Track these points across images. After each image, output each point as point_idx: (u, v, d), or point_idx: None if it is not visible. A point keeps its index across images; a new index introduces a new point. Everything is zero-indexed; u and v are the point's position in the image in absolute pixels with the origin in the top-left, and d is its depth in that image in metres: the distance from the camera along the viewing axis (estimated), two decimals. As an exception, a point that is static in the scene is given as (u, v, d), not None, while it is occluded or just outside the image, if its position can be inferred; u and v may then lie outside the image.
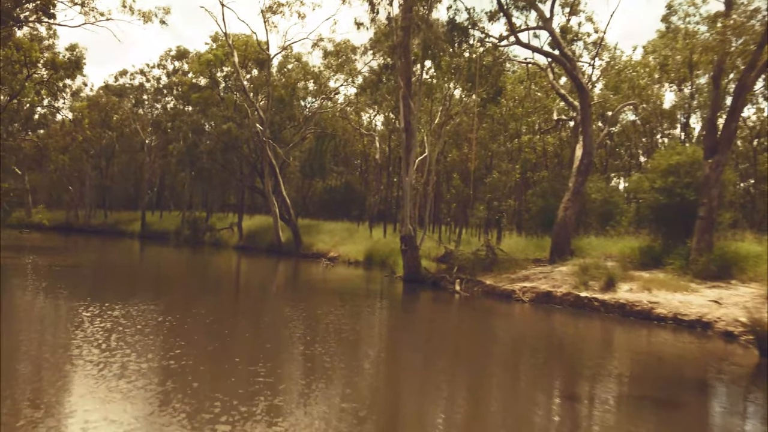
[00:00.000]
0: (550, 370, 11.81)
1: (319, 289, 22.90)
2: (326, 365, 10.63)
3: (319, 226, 43.45)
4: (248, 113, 41.43)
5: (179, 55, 52.52)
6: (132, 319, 13.54)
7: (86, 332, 11.91)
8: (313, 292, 22.04)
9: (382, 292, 23.20)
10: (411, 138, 24.66)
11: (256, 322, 15.41)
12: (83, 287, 20.19)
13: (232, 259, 38.84)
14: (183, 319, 14.30)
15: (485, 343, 14.00)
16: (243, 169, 46.43)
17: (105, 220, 63.04)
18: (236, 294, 22.35)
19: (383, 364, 11.69)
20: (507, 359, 12.58)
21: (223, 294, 21.77)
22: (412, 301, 21.41)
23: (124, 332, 12.08)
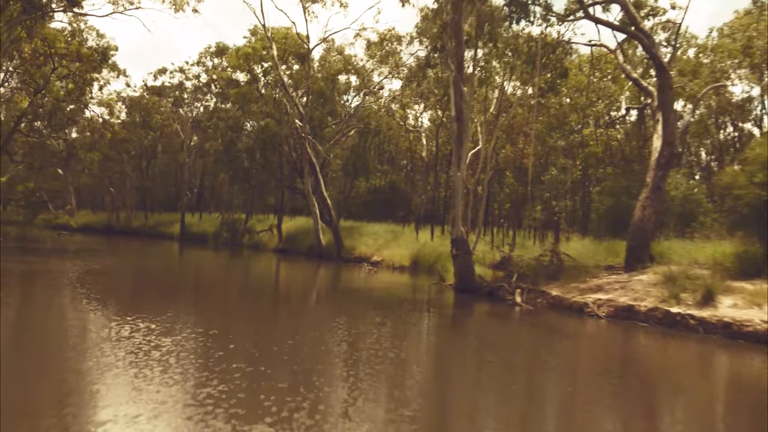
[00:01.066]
0: (658, 417, 8.84)
1: (361, 298, 20.23)
2: (363, 401, 7.94)
3: (362, 228, 40.86)
4: (288, 109, 39.15)
5: (218, 52, 50.62)
6: (169, 335, 11.76)
7: (117, 354, 10.00)
8: (354, 302, 19.38)
9: (431, 303, 20.40)
10: (463, 128, 21.80)
11: (294, 338, 12.89)
12: (119, 295, 18.32)
13: (270, 264, 36.56)
14: (219, 338, 12.09)
15: (562, 375, 11.07)
16: (283, 168, 44.18)
17: (145, 222, 61.80)
18: (275, 304, 19.88)
19: (435, 403, 8.92)
20: (595, 400, 9.64)
21: (260, 305, 19.31)
22: (466, 315, 18.54)
23: (160, 349, 10.47)
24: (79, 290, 18.04)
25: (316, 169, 37.60)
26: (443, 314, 17.99)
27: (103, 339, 11.10)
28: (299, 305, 19.56)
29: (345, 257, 36.43)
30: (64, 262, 26.66)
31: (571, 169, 32.70)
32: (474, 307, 19.54)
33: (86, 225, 65.01)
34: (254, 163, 43.35)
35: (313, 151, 38.19)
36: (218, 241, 49.66)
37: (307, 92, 38.06)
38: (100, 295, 17.26)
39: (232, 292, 21.52)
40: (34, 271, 22.33)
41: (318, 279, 28.99)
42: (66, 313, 14.53)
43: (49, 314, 14.52)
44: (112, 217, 64.40)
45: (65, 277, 21.24)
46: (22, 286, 19.18)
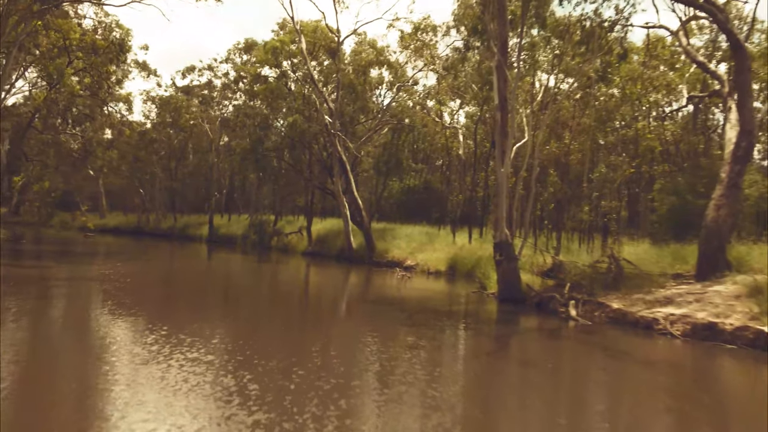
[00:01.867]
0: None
1: (393, 310, 17.96)
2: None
3: (395, 231, 38.57)
4: (317, 105, 37.12)
5: (247, 48, 48.92)
6: (196, 349, 10.93)
7: (144, 372, 9.29)
8: (386, 314, 17.13)
9: (471, 316, 18.05)
10: (507, 119, 19.40)
11: (320, 360, 10.89)
12: (148, 305, 17.02)
13: (299, 268, 34.56)
14: (245, 353, 11.05)
15: (651, 425, 8.65)
16: (312, 167, 42.16)
17: (174, 224, 60.52)
18: (302, 316, 17.78)
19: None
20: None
21: (288, 316, 17.25)
22: (512, 332, 16.11)
23: (188, 368, 9.62)
24: (106, 297, 17.07)
25: (346, 167, 35.49)
26: (486, 331, 15.56)
27: (133, 354, 10.36)
28: (327, 317, 17.43)
29: (377, 261, 34.23)
30: (92, 266, 25.17)
31: (622, 166, 29.98)
32: (521, 322, 17.13)
33: (116, 226, 64.18)
34: (283, 162, 41.43)
35: (344, 149, 36.08)
36: (246, 243, 47.96)
37: (337, 87, 35.97)
38: (128, 303, 16.32)
39: (259, 302, 19.62)
40: (59, 277, 20.62)
41: (348, 286, 26.87)
42: (93, 323, 13.71)
43: (74, 324, 13.72)
44: (142, 219, 63.31)
45: (93, 284, 19.58)
46: (45, 292, 17.57)
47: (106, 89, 27.63)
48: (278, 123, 43.02)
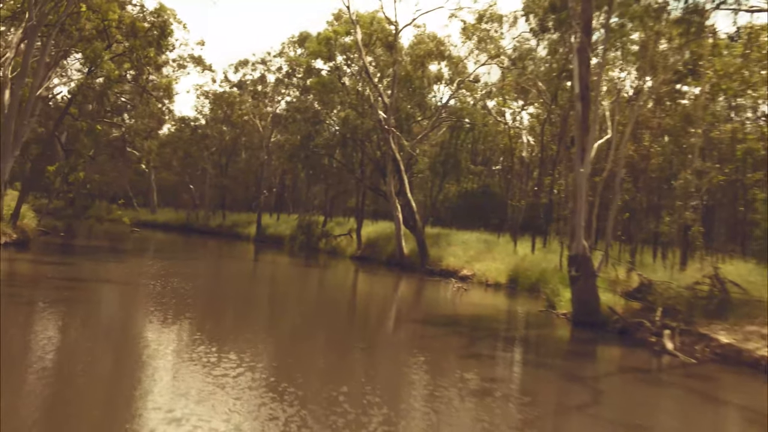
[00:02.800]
0: None
1: (449, 331, 15.33)
2: None
3: (450, 237, 35.81)
4: (372, 100, 34.76)
5: (301, 41, 46.82)
6: (240, 366, 9.71)
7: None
8: (440, 337, 14.53)
9: (542, 343, 15.24)
10: (588, 111, 16.50)
11: (365, 387, 8.54)
12: (193, 310, 15.44)
13: (347, 274, 32.24)
14: (288, 374, 9.86)
15: None
16: (364, 167, 39.78)
17: (223, 222, 59.16)
18: (348, 330, 15.49)
19: None
20: None
21: (334, 330, 15.04)
22: (599, 369, 13.16)
23: (230, 388, 8.47)
24: (150, 301, 15.77)
25: (400, 167, 32.98)
26: (567, 370, 12.63)
27: (176, 371, 9.25)
28: (372, 339, 14.96)
29: (430, 269, 31.60)
30: (135, 266, 23.44)
31: (710, 173, 26.49)
32: (605, 355, 14.26)
33: (166, 222, 63.31)
34: (333, 161, 39.23)
35: (398, 147, 33.58)
36: (294, 244, 45.99)
37: (393, 81, 33.50)
38: (173, 308, 15.07)
39: (302, 315, 17.40)
40: (98, 278, 18.75)
41: (398, 298, 24.34)
42: (134, 335, 12.25)
43: (116, 334, 12.40)
44: (191, 216, 62.23)
45: (133, 287, 17.69)
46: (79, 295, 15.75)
47: (146, 76, 25.96)
48: (330, 120, 40.89)
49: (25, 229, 26.32)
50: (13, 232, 24.39)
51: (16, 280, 16.99)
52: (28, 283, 16.94)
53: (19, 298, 13.95)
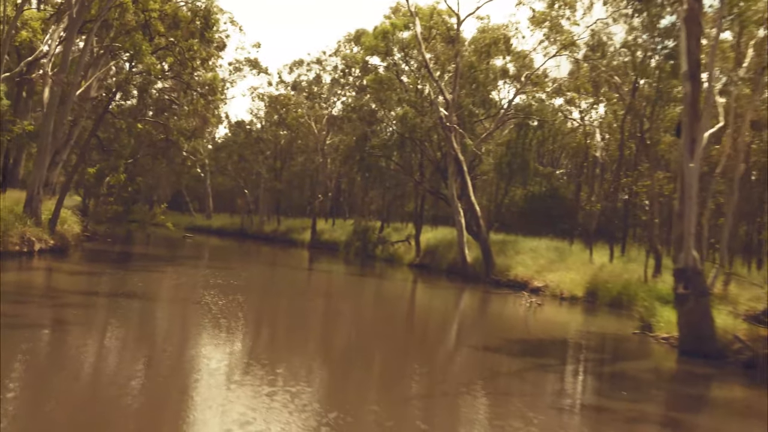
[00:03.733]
0: None
1: (527, 363, 12.68)
2: None
3: (517, 244, 32.85)
4: (431, 97, 32.25)
5: (357, 38, 44.72)
6: (278, 400, 8.23)
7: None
8: (518, 373, 11.89)
9: (648, 381, 12.28)
10: (699, 93, 13.57)
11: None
12: (245, 325, 14.22)
13: (405, 285, 29.84)
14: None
15: None
16: (424, 168, 37.24)
17: (277, 227, 57.64)
18: (405, 353, 13.21)
19: None
20: None
21: (385, 358, 12.67)
22: (716, 416, 10.30)
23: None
24: (196, 320, 14.08)
25: (462, 168, 30.32)
26: (679, 420, 9.79)
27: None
28: (437, 358, 12.58)
29: (496, 279, 28.85)
30: (185, 276, 21.60)
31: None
32: (736, 399, 11.30)
33: (221, 228, 62.38)
34: (391, 162, 36.85)
35: (461, 147, 30.93)
36: (349, 251, 43.84)
37: (455, 75, 30.88)
38: (222, 330, 13.25)
39: (356, 334, 15.38)
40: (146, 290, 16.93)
41: (463, 315, 21.77)
42: (184, 356, 10.85)
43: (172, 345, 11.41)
44: (246, 221, 60.97)
45: (176, 301, 15.80)
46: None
47: (189, 70, 24.21)
48: (387, 119, 38.56)
49: (65, 234, 24.88)
50: (50, 237, 22.90)
51: (27, 292, 15.15)
52: (38, 297, 15.09)
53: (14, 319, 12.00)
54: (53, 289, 16.11)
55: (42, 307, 13.46)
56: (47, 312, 12.95)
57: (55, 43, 25.00)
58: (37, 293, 15.25)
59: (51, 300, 14.39)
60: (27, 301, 13.67)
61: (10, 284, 14.86)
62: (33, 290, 15.62)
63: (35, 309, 13.08)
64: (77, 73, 24.39)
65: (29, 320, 11.73)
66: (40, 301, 14.20)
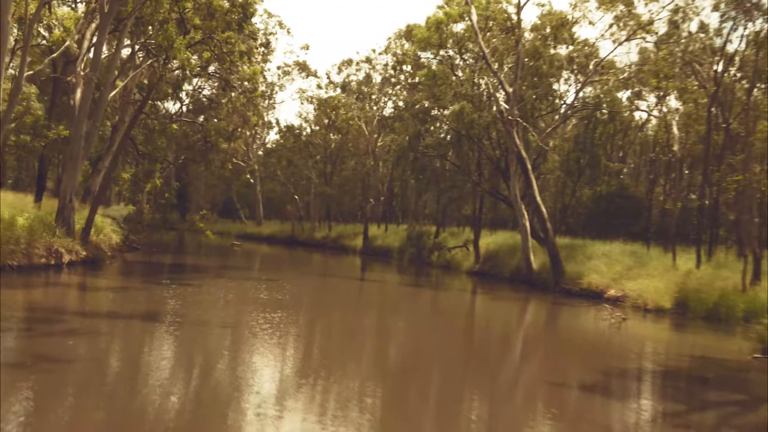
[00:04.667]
0: None
1: (624, 394, 10.03)
2: None
3: (587, 248, 29.85)
4: (489, 88, 29.70)
5: (408, 33, 42.41)
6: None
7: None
8: (611, 406, 9.28)
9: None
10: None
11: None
12: (294, 347, 12.58)
13: (466, 295, 27.38)
14: None
15: None
16: (482, 168, 34.57)
17: (328, 234, 55.75)
18: (462, 379, 10.72)
19: None
20: None
21: (444, 390, 10.17)
22: None
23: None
24: (244, 343, 12.28)
25: (527, 166, 27.63)
26: None
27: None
28: (505, 386, 9.98)
29: (566, 288, 26.07)
30: (229, 290, 19.57)
31: None
32: None
33: (271, 235, 60.83)
34: (446, 162, 34.34)
35: (523, 143, 28.26)
36: (403, 258, 41.56)
37: (516, 64, 28.20)
38: (272, 355, 11.61)
39: (417, 346, 13.61)
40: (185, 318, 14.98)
41: (534, 328, 19.18)
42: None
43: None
44: (296, 228, 59.29)
45: (212, 325, 13.66)
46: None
47: (227, 65, 22.31)
48: (442, 117, 36.09)
49: (101, 245, 23.29)
50: (82, 248, 21.28)
51: (21, 315, 13.16)
52: (34, 320, 13.09)
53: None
54: (58, 310, 13.49)
55: (31, 336, 11.24)
56: (35, 343, 10.71)
57: (87, 42, 23.48)
58: (38, 314, 13.15)
59: (51, 324, 12.03)
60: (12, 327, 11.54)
61: (9, 305, 12.91)
62: (32, 311, 13.56)
63: (20, 339, 10.95)
64: (110, 73, 22.80)
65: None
66: (34, 326, 12.01)
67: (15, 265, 17.44)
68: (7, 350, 9.71)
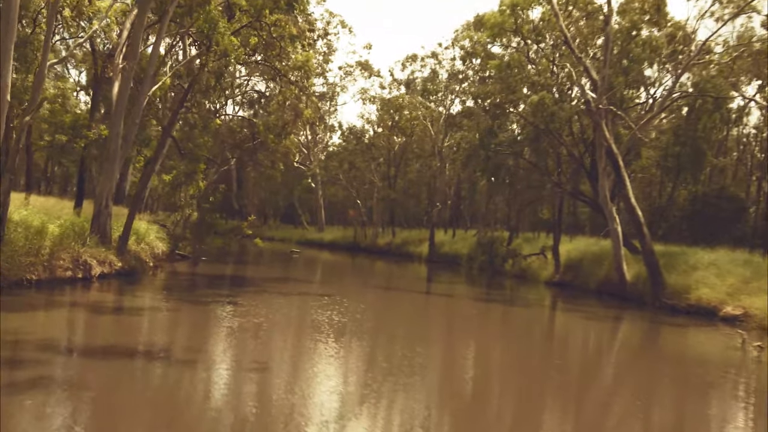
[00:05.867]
0: None
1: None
2: None
3: (687, 256, 25.85)
4: (573, 76, 26.19)
5: (477, 23, 39.12)
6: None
7: None
8: None
9: None
10: None
11: None
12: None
13: (548, 311, 23.92)
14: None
15: None
16: (562, 166, 30.96)
17: (392, 240, 52.87)
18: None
19: None
20: None
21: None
22: None
23: None
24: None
25: (618, 163, 23.98)
26: None
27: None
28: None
29: (669, 303, 22.32)
30: (293, 309, 16.76)
31: None
32: None
33: (333, 241, 58.38)
34: (521, 161, 30.92)
35: (613, 137, 24.63)
36: (473, 266, 38.26)
37: (605, 47, 24.57)
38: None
39: (501, 382, 10.53)
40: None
41: (644, 352, 15.55)
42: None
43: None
44: (359, 234, 56.68)
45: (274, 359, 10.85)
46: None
47: (277, 51, 19.71)
48: (516, 111, 32.69)
49: (141, 254, 21.05)
50: (118, 259, 19.03)
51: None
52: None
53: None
54: (42, 345, 10.08)
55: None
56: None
57: (126, 31, 21.38)
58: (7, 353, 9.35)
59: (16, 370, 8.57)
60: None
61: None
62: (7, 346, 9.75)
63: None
64: (151, 65, 20.57)
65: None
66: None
67: (34, 280, 15.22)
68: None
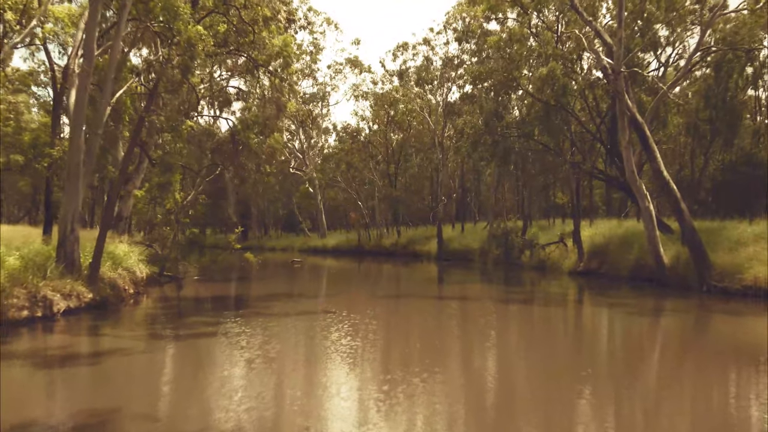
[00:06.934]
0: None
1: None
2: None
3: (728, 231, 23.29)
4: (584, 44, 23.55)
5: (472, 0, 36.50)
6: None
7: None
8: None
9: None
10: None
11: None
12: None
13: (579, 307, 21.01)
14: None
15: None
16: (576, 144, 28.32)
17: (397, 240, 50.31)
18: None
19: None
20: None
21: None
22: None
23: None
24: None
25: (645, 133, 21.37)
26: None
27: None
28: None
29: (717, 286, 19.74)
30: (290, 335, 13.77)
31: None
32: None
33: (336, 246, 55.77)
34: (531, 142, 28.29)
35: (636, 105, 22.00)
36: (486, 261, 35.73)
37: (620, 4, 21.87)
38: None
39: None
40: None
41: (699, 352, 12.80)
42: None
43: None
44: (363, 236, 54.11)
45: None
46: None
47: (250, 38, 17.13)
48: (522, 86, 30.06)
49: (116, 281, 18.47)
50: (88, 290, 16.46)
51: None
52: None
53: None
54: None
55: None
56: None
57: (80, 32, 18.84)
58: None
59: None
60: None
61: None
62: None
63: None
64: (111, 67, 17.99)
65: None
66: None
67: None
68: None
